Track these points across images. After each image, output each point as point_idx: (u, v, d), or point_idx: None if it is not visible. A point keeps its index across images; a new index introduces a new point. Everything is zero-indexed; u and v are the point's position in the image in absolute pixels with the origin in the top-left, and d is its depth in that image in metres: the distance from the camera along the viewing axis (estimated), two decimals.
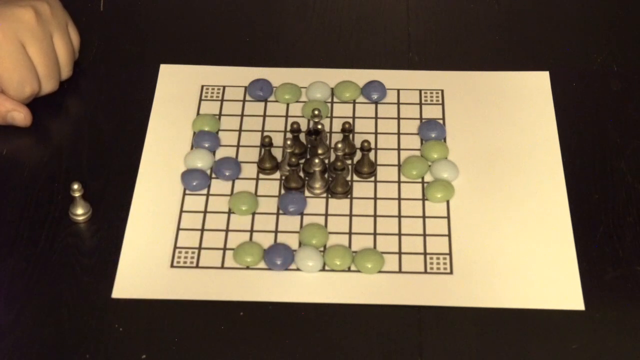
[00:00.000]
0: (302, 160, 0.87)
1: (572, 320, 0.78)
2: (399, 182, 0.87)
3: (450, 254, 0.82)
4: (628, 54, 0.98)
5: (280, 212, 0.85)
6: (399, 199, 0.86)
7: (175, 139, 0.90)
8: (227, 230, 0.84)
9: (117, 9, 1.03)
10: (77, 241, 0.83)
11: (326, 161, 0.88)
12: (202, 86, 0.95)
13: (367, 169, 0.87)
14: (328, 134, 0.91)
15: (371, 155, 0.88)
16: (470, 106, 0.93)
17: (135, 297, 0.80)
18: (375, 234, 0.83)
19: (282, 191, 0.86)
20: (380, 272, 0.81)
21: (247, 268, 0.81)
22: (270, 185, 0.87)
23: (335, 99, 0.94)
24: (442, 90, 0.94)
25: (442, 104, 0.93)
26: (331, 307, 0.79)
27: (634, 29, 1.00)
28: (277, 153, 0.88)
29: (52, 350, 0.77)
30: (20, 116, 0.90)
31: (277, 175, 0.88)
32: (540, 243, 0.83)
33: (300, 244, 0.83)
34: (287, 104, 0.93)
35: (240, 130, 0.91)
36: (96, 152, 0.90)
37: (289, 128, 0.89)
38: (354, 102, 0.93)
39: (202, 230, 0.84)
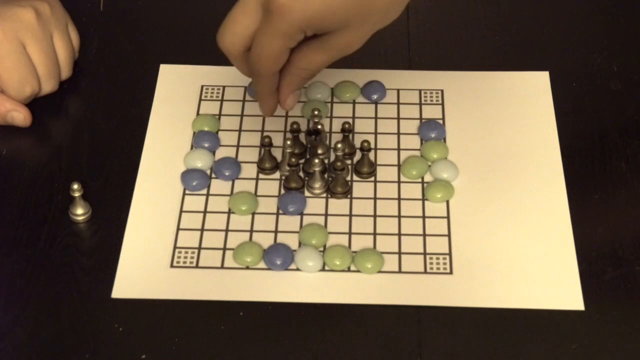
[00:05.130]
0: (302, 160, 0.87)
1: (572, 320, 0.78)
2: (399, 182, 0.87)
3: (450, 254, 0.82)
4: (628, 54, 0.97)
5: (280, 212, 0.85)
6: (399, 199, 0.86)
7: (175, 139, 0.90)
8: (227, 230, 0.84)
9: (117, 9, 1.03)
10: (77, 241, 0.83)
11: (326, 161, 0.88)
12: (202, 86, 0.95)
13: (367, 169, 0.87)
14: (328, 134, 0.91)
15: (371, 155, 0.88)
16: (470, 106, 0.93)
17: (135, 297, 0.79)
18: (375, 234, 0.83)
19: (282, 191, 0.86)
20: (380, 272, 0.81)
21: (247, 268, 0.81)
22: (270, 185, 0.87)
23: (335, 99, 0.94)
24: (442, 90, 0.94)
25: (442, 104, 0.93)
26: (331, 307, 0.79)
27: (634, 29, 1.00)
28: (277, 153, 0.88)
29: (52, 350, 0.77)
30: (20, 116, 0.90)
31: (277, 175, 0.88)
32: (540, 243, 0.83)
33: (300, 244, 0.83)
34: None
35: (240, 130, 0.91)
36: (96, 152, 0.90)
37: (288, 128, 0.89)
38: (354, 102, 0.93)
39: (202, 230, 0.84)
